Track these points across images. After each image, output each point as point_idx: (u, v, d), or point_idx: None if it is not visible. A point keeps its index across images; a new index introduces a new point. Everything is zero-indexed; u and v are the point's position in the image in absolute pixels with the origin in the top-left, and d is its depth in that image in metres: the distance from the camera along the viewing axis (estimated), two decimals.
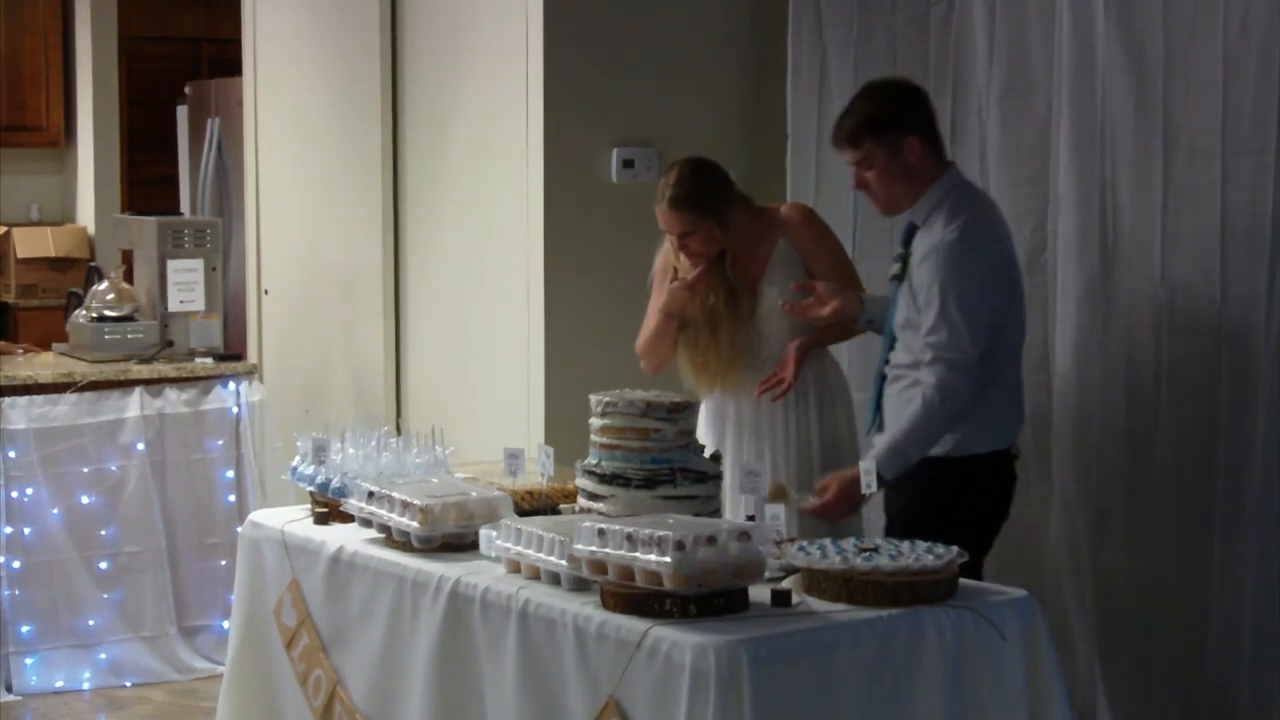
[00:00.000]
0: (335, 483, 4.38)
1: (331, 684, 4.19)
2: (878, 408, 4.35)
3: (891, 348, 4.32)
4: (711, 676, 3.21)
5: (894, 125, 4.21)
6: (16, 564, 5.82)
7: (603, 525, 3.48)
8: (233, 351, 6.45)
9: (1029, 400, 4.91)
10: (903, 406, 4.21)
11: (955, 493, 4.18)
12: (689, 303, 4.64)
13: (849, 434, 4.70)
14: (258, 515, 4.64)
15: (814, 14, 5.61)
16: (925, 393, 4.13)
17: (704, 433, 4.70)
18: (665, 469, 3.96)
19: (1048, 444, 4.90)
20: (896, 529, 4.16)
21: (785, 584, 3.57)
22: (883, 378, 4.35)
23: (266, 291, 7.33)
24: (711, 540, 3.39)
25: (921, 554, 3.58)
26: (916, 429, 4.13)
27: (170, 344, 6.23)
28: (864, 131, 4.22)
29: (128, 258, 6.58)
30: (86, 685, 5.91)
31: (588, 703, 3.44)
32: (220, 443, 6.10)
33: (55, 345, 6.55)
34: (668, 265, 4.76)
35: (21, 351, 6.54)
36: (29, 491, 5.84)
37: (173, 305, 6.25)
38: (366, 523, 4.18)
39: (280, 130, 7.25)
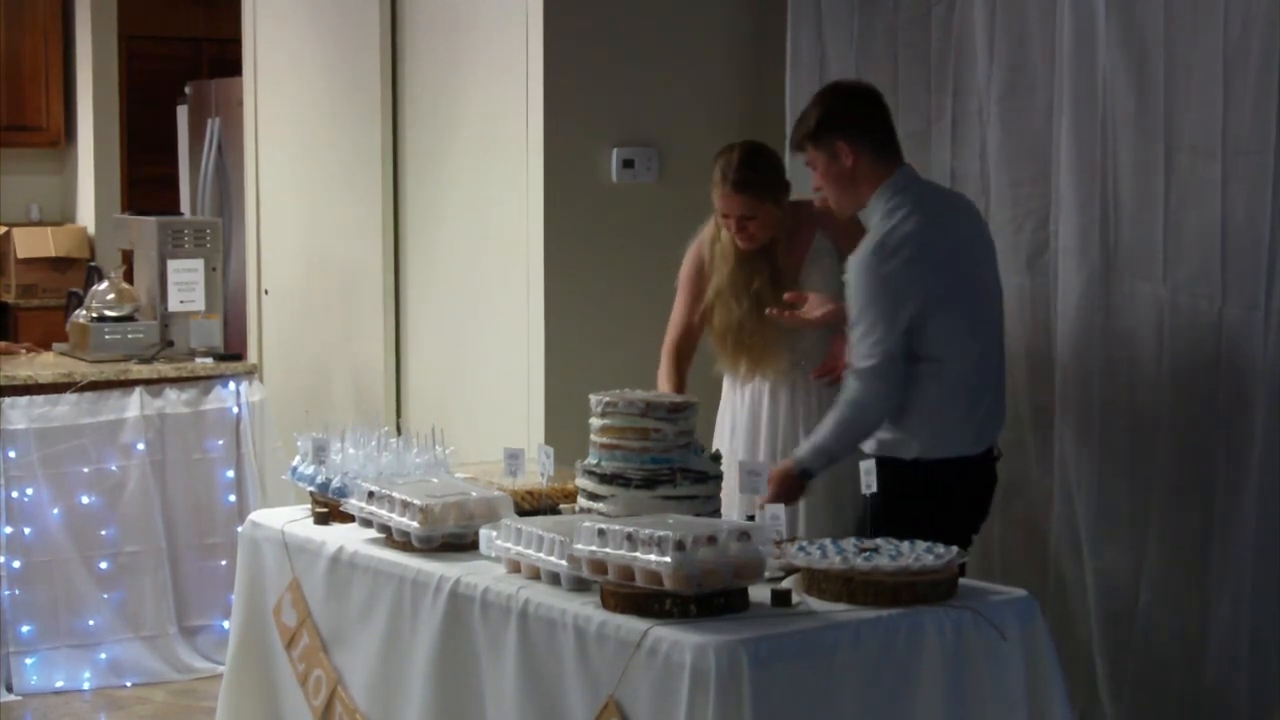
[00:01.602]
0: (335, 483, 4.38)
1: (331, 684, 4.19)
2: None
3: None
4: (711, 676, 3.21)
5: (828, 131, 4.23)
6: (17, 564, 5.82)
7: (603, 525, 3.48)
8: (233, 351, 6.45)
9: (1030, 400, 4.92)
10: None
11: (916, 495, 4.15)
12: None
13: None
14: (258, 515, 4.64)
15: (814, 13, 5.61)
16: (840, 401, 4.21)
17: (739, 424, 4.69)
18: (665, 469, 3.96)
19: (1049, 443, 4.89)
20: (872, 530, 4.16)
21: (785, 584, 3.57)
22: None
23: (266, 291, 7.33)
24: (711, 540, 3.39)
25: (921, 554, 3.59)
26: (836, 433, 4.19)
27: (170, 344, 6.23)
28: (805, 138, 4.29)
29: (128, 258, 6.58)
30: (87, 685, 5.91)
31: (588, 703, 3.44)
32: (220, 443, 6.10)
33: (55, 345, 6.55)
34: (699, 269, 4.75)
35: (25, 351, 6.54)
36: (29, 491, 5.83)
37: (173, 305, 6.25)
38: (366, 523, 4.18)
39: (280, 130, 7.25)
